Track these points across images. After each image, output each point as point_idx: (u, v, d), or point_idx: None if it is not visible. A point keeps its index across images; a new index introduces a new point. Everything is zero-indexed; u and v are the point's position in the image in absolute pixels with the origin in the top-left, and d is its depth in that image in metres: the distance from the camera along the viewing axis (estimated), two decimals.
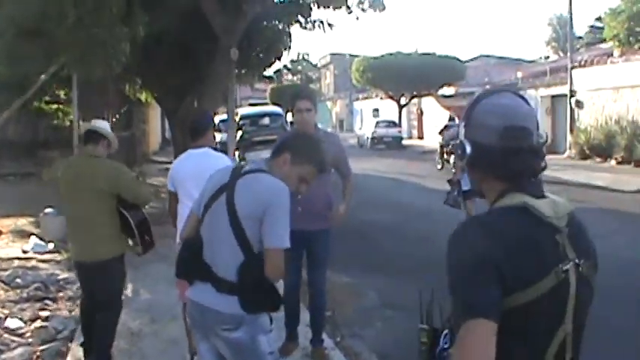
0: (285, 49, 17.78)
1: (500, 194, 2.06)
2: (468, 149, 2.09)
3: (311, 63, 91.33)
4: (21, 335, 6.77)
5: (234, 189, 3.39)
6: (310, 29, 16.77)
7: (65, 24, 9.05)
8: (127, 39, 9.60)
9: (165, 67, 16.13)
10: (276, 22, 16.77)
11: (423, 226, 13.48)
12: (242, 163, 3.68)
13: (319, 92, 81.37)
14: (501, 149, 2.02)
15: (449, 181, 12.13)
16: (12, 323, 7.03)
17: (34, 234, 11.44)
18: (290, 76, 64.66)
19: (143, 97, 24.45)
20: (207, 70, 14.46)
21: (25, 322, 7.11)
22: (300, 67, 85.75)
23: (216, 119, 21.31)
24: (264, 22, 16.17)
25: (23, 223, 13.06)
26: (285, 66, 23.24)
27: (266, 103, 45.93)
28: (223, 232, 3.36)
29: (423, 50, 46.86)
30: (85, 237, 5.64)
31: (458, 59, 45.47)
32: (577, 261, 1.97)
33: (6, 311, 7.49)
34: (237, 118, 20.41)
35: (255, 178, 3.44)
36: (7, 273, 8.97)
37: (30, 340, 6.65)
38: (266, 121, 23.27)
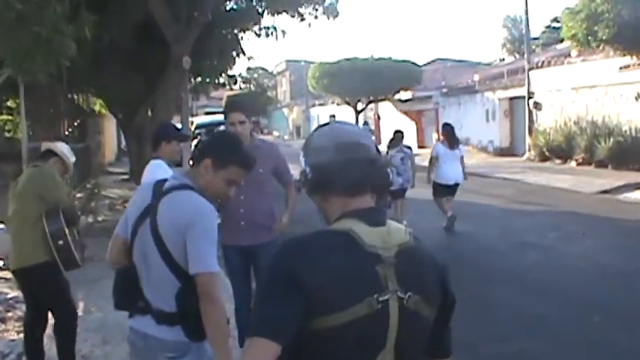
0: (238, 56, 17.66)
1: (338, 218, 2.04)
2: (310, 174, 2.10)
3: (267, 70, 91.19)
4: None
5: (157, 211, 3.14)
6: (263, 36, 16.66)
7: (6, 20, 8.79)
8: (73, 37, 9.31)
9: (117, 76, 15.91)
10: (229, 30, 16.62)
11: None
12: (166, 177, 3.36)
13: (275, 99, 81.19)
14: (337, 162, 2.04)
15: None
16: None
17: None
18: (246, 85, 64.40)
19: (97, 107, 24.18)
20: (159, 80, 14.26)
21: None
22: (255, 75, 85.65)
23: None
24: (216, 30, 16.01)
25: None
26: (239, 74, 23.00)
27: (222, 112, 45.61)
28: (153, 259, 3.13)
29: (379, 55, 46.75)
30: (14, 243, 5.59)
31: (414, 63, 45.48)
32: (400, 293, 1.92)
33: None
34: (192, 128, 20.20)
35: (175, 198, 3.18)
36: None
37: None
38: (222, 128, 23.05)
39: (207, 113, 37.49)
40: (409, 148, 13.64)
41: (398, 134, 13.48)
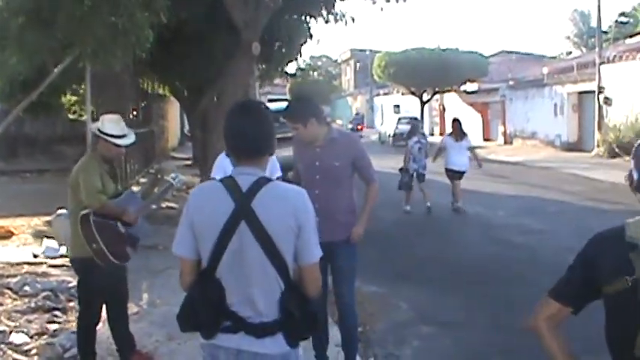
0: (306, 43, 17.24)
1: None
2: (636, 176, 2.52)
3: (331, 59, 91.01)
4: (26, 352, 6.23)
5: (254, 212, 2.89)
6: (332, 22, 16.16)
7: (79, 12, 8.52)
8: (149, 25, 9.02)
9: (184, 61, 15.65)
10: (299, 16, 16.17)
11: (455, 230, 12.94)
12: (231, 178, 3.02)
13: (339, 88, 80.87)
14: None
15: (400, 170, 15.14)
16: (17, 338, 6.48)
17: (46, 236, 10.85)
18: (310, 72, 64.23)
19: (162, 90, 24.11)
20: (227, 66, 13.89)
21: (31, 337, 6.57)
22: (319, 63, 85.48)
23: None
24: (286, 16, 15.58)
25: (37, 223, 12.52)
26: (303, 61, 22.67)
27: (286, 99, 45.43)
28: (255, 267, 2.91)
29: (446, 45, 45.99)
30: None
31: (481, 54, 44.67)
32: None
33: (12, 323, 6.93)
34: None
35: (275, 191, 2.97)
36: (15, 280, 8.39)
37: (35, 358, 6.12)
38: None
39: (270, 101, 37.22)
40: (425, 138, 15.82)
41: (414, 126, 16.23)
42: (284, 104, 5.81)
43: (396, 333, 7.05)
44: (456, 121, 15.48)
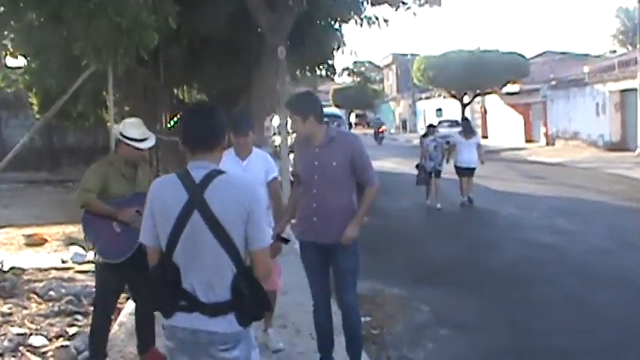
0: (339, 48, 17.19)
1: None
2: None
3: (373, 64, 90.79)
4: (42, 355, 6.31)
5: (206, 201, 3.16)
6: (366, 27, 16.16)
7: (86, 10, 8.63)
8: (154, 27, 9.08)
9: (214, 68, 15.73)
10: (327, 20, 16.16)
11: (485, 232, 12.75)
12: (186, 171, 3.30)
13: (382, 93, 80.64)
14: None
15: (417, 166, 15.90)
16: (36, 341, 6.59)
17: (74, 243, 11.05)
18: (352, 77, 63.96)
19: (199, 100, 24.30)
20: (255, 71, 13.97)
21: (49, 340, 6.66)
22: (362, 68, 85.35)
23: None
24: (315, 21, 15.57)
25: (72, 230, 12.75)
26: (347, 68, 22.61)
27: (328, 106, 45.50)
28: (207, 252, 3.17)
29: (485, 47, 45.57)
30: None
31: (521, 55, 44.14)
32: None
33: (34, 326, 7.06)
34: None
35: (225, 181, 3.22)
36: (41, 285, 8.57)
37: None
38: None
39: None
40: (442, 137, 17.09)
41: (431, 128, 16.71)
42: (324, 110, 5.78)
43: (412, 335, 6.96)
44: (465, 120, 16.71)
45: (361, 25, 15.85)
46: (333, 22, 16.48)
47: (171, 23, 9.72)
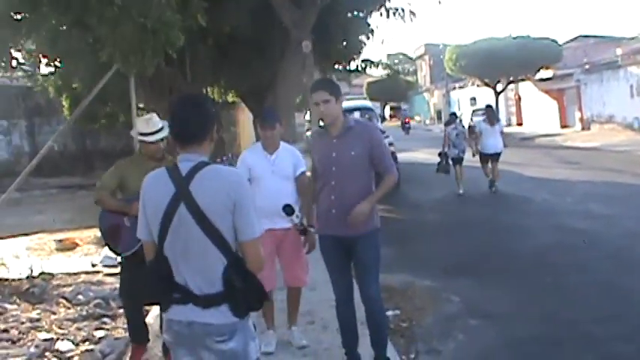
0: (367, 40, 17.09)
1: None
2: None
3: (407, 56, 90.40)
4: (69, 359, 6.32)
5: (191, 193, 3.17)
6: (392, 18, 15.99)
7: (109, 14, 8.65)
8: (179, 26, 9.07)
9: (242, 66, 15.71)
10: (353, 13, 16.06)
11: (518, 219, 12.54)
12: (175, 165, 3.31)
13: (415, 84, 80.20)
14: None
15: (439, 154, 16.63)
16: (62, 345, 6.59)
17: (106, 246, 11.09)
18: (385, 70, 63.68)
19: (230, 98, 24.32)
20: (280, 67, 13.93)
21: (76, 345, 6.66)
22: (396, 61, 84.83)
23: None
24: (340, 14, 15.47)
25: None
26: (380, 60, 22.45)
27: (364, 99, 45.32)
28: (196, 244, 3.18)
29: (517, 34, 45.06)
30: None
31: (553, 40, 43.53)
32: None
33: (61, 331, 7.07)
34: None
35: (210, 173, 3.22)
36: (70, 289, 8.61)
37: None
38: (356, 115, 22.55)
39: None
40: (463, 126, 17.68)
41: (452, 116, 17.74)
42: (355, 102, 5.68)
43: (441, 327, 6.86)
44: (489, 107, 17.35)
45: (387, 17, 15.74)
46: (358, 14, 16.39)
47: (200, 21, 9.75)
